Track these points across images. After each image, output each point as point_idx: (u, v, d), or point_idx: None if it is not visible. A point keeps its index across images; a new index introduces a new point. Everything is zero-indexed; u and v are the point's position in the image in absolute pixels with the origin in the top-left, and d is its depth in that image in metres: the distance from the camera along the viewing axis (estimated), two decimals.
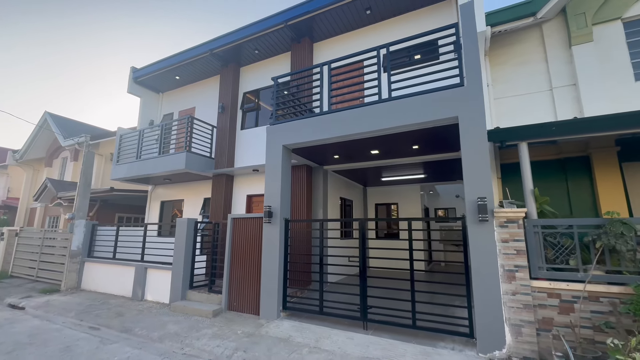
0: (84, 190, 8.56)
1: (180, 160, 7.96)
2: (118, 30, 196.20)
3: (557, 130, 3.93)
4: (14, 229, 10.82)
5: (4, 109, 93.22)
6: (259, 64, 9.12)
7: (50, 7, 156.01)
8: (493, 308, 3.73)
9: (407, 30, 6.82)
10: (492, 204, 3.89)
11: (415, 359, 3.74)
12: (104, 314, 5.84)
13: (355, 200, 10.18)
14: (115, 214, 12.49)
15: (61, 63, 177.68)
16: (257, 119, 8.88)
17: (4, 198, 17.59)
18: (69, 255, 8.02)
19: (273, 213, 5.51)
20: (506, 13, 5.57)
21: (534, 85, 5.82)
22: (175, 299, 6.26)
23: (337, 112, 5.24)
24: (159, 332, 4.85)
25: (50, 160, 15.70)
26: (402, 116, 4.66)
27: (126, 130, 9.64)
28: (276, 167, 5.68)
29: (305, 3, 7.18)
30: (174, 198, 9.95)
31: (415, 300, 4.36)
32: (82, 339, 4.66)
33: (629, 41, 5.33)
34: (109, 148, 13.28)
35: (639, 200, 4.85)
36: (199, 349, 4.24)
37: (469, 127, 4.15)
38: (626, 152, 4.98)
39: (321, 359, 3.83)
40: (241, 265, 5.83)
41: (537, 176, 5.43)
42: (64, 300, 6.88)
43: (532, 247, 3.73)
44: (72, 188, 11.63)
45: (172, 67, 9.48)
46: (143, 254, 7.18)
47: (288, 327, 4.83)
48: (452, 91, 4.36)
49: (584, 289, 3.36)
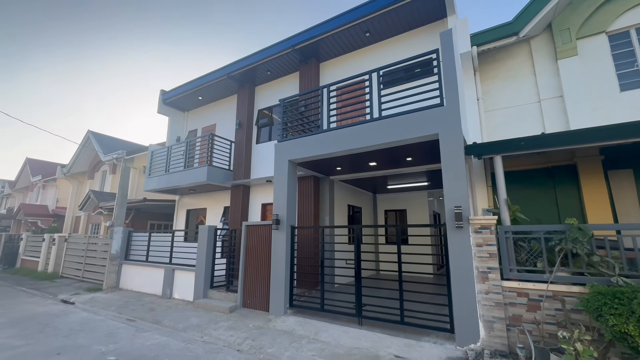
0: (122, 201, 9.74)
1: (203, 173, 8.91)
2: (146, 56, 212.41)
3: (525, 145, 4.31)
4: (63, 236, 12.34)
5: (55, 129, 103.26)
6: (271, 83, 9.98)
7: (87, 43, 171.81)
8: (469, 306, 4.15)
9: (403, 49, 7.37)
10: (467, 211, 4.34)
11: (399, 350, 4.25)
12: (139, 309, 6.77)
13: (364, 207, 10.68)
14: (147, 221, 13.79)
15: (103, 88, 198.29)
16: (271, 133, 9.70)
17: (54, 207, 19.71)
18: (109, 258, 9.17)
19: (280, 221, 6.20)
20: (490, 33, 5.97)
21: (523, 98, 6.14)
22: (198, 297, 7.09)
23: (334, 130, 5.87)
24: (184, 323, 5.67)
25: (92, 173, 17.52)
26: (390, 133, 5.21)
27: (156, 147, 10.82)
28: (283, 179, 6.39)
29: (309, 30, 7.93)
30: (198, 207, 10.97)
31: (404, 299, 4.84)
32: (121, 328, 5.57)
33: (614, 53, 5.56)
34: (141, 162, 14.71)
35: (624, 207, 5.04)
36: (216, 338, 4.97)
37: (448, 143, 4.63)
38: (611, 160, 5.20)
39: (317, 348, 4.43)
40: (254, 268, 6.56)
41: (527, 184, 5.79)
42: (106, 297, 7.95)
43: (503, 251, 4.13)
44: (111, 198, 13.06)
45: (195, 89, 10.57)
46: (171, 257, 8.13)
47: (292, 322, 5.46)
48: (433, 110, 4.87)
49: (547, 289, 3.73)
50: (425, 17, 7.01)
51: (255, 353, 4.39)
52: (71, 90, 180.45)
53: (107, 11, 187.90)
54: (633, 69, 5.39)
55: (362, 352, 4.24)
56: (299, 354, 4.26)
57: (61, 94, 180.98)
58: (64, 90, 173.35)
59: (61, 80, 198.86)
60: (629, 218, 4.93)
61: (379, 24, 7.32)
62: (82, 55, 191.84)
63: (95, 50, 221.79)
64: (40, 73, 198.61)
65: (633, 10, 5.48)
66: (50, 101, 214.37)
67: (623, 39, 5.56)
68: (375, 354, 4.19)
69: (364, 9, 7.10)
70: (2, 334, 5.16)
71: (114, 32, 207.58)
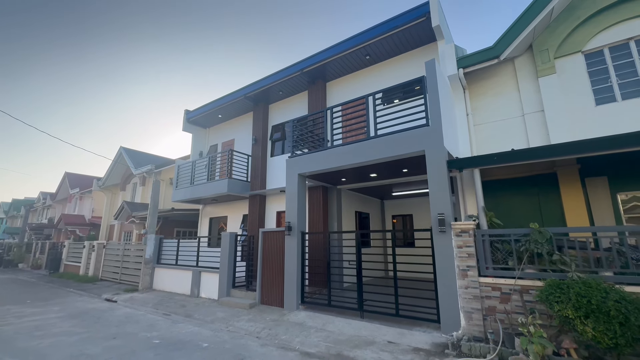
0: (153, 211, 10.95)
1: (224, 185, 9.95)
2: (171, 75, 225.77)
3: (498, 159, 4.96)
4: (101, 243, 13.77)
5: (88, 147, 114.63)
6: (283, 102, 10.97)
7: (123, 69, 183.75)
8: (451, 299, 4.84)
9: (400, 69, 8.15)
10: (450, 218, 5.04)
11: (393, 337, 4.98)
12: (172, 306, 7.81)
13: (372, 212, 11.39)
14: (174, 228, 15.06)
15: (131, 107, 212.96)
16: (283, 147, 10.65)
17: (90, 217, 21.57)
18: (144, 262, 10.35)
19: (292, 227, 7.06)
20: (474, 57, 6.63)
21: (508, 112, 6.74)
22: (222, 296, 8.05)
23: (337, 147, 6.71)
24: (211, 317, 6.61)
25: (124, 185, 19.15)
26: (384, 150, 5.98)
27: (182, 162, 12.03)
28: (293, 190, 7.27)
29: (316, 55, 8.86)
30: (219, 215, 12.06)
31: (402, 295, 5.56)
32: (160, 320, 6.58)
33: (590, 70, 6.09)
34: (168, 174, 16.06)
35: (600, 212, 5.55)
36: (238, 328, 5.87)
37: (432, 158, 5.36)
38: (587, 168, 5.72)
39: (323, 335, 5.23)
40: (270, 269, 7.44)
41: (514, 191, 6.40)
42: (142, 297, 9.07)
43: (480, 252, 4.79)
44: (142, 208, 14.42)
45: (216, 109, 11.73)
46: (197, 260, 9.17)
47: (304, 316, 6.29)
48: (419, 130, 5.61)
49: (515, 283, 4.37)
50: (418, 41, 7.77)
51: (272, 339, 5.25)
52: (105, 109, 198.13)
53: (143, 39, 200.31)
54: (607, 84, 5.91)
55: (361, 339, 5.00)
56: (308, 340, 5.08)
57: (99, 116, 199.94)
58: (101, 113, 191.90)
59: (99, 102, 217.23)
60: (604, 222, 5.43)
61: (378, 48, 8.14)
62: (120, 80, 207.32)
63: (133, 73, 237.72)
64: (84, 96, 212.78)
65: (606, 31, 6.02)
66: (84, 119, 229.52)
67: (597, 57, 6.09)
68: (372, 340, 4.94)
69: (363, 36, 7.94)
70: (67, 323, 6.29)
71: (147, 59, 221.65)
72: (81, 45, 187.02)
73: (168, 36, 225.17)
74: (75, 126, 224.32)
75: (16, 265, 20.86)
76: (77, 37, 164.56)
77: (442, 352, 4.33)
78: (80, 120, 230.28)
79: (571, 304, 3.38)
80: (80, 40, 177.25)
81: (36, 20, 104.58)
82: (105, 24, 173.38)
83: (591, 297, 3.28)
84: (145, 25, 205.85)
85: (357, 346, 4.71)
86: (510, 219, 5.89)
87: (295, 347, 4.87)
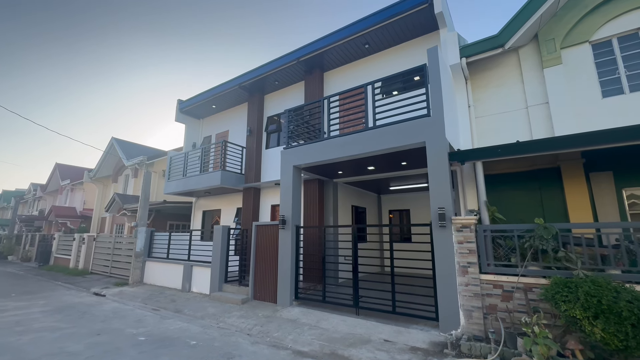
0: (144, 203, 10.64)
1: (217, 177, 9.66)
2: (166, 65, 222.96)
3: (502, 152, 4.75)
4: (92, 235, 13.45)
5: (80, 137, 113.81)
6: (279, 92, 10.64)
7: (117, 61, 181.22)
8: (451, 297, 4.65)
9: (400, 59, 7.87)
10: (450, 212, 4.83)
11: (389, 336, 4.79)
12: (162, 300, 7.57)
13: (369, 207, 11.18)
14: (166, 221, 14.74)
15: (125, 97, 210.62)
16: (279, 139, 10.35)
17: (81, 209, 21.16)
18: (134, 255, 10.08)
19: (286, 221, 6.82)
20: (478, 46, 6.37)
21: (511, 105, 6.52)
22: (213, 290, 7.83)
23: (333, 139, 6.45)
24: (201, 312, 6.39)
25: (116, 177, 18.74)
26: (383, 141, 5.73)
27: (174, 153, 11.69)
28: (288, 183, 7.01)
29: (313, 43, 8.53)
30: (213, 208, 11.78)
31: (396, 291, 5.37)
32: (148, 316, 6.34)
33: (597, 61, 5.87)
34: (161, 165, 15.69)
35: (604, 207, 5.38)
36: (229, 324, 5.66)
37: (433, 150, 5.12)
38: (592, 163, 5.54)
39: (316, 333, 5.03)
40: (263, 264, 7.21)
41: (516, 186, 6.20)
42: (132, 291, 8.82)
43: (481, 248, 4.59)
44: (134, 200, 14.08)
45: (210, 98, 11.37)
46: (189, 254, 8.92)
47: (297, 312, 6.08)
48: (420, 121, 5.37)
49: (518, 281, 4.19)
50: (419, 29, 7.47)
51: (263, 336, 5.04)
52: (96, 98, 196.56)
53: (133, 31, 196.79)
54: (614, 76, 5.70)
55: (355, 337, 4.81)
56: (300, 337, 4.87)
57: (89, 103, 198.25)
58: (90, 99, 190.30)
59: (89, 90, 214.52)
60: (608, 218, 5.27)
61: (377, 37, 7.83)
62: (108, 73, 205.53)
63: (122, 67, 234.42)
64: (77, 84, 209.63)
65: (615, 20, 5.78)
66: (74, 108, 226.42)
67: (605, 47, 5.86)
68: (367, 338, 4.75)
69: (362, 23, 7.63)
70: (51, 318, 6.03)
71: (138, 52, 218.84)
72: (74, 36, 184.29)
73: (163, 25, 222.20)
74: (67, 116, 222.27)
75: (5, 257, 20.47)
76: (70, 28, 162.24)
77: (441, 352, 4.15)
78: (72, 110, 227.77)
79: (579, 304, 3.20)
80: (74, 30, 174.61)
81: (28, 10, 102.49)
82: (99, 15, 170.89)
83: (601, 297, 3.10)
84: (139, 15, 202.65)
85: (352, 345, 4.51)
86: (510, 214, 5.69)
87: (288, 345, 4.67)
